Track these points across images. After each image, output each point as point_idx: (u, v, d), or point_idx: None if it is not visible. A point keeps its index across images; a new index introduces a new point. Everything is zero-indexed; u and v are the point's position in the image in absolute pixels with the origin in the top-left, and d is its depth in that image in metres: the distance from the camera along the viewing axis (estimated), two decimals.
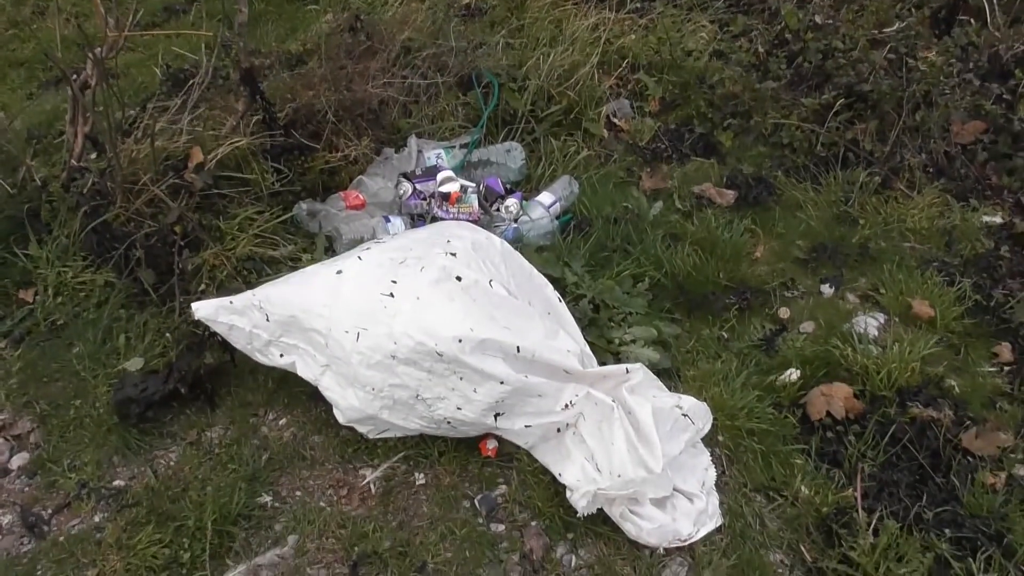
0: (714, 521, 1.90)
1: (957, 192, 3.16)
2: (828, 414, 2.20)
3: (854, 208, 3.05)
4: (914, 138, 3.30)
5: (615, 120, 3.49)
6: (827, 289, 2.70)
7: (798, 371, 2.31)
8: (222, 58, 3.15)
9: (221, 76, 3.09)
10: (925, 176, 3.22)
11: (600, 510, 1.83)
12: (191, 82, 2.87)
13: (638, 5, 4.15)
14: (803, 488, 2.02)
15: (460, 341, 1.81)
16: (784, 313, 2.58)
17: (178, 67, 3.35)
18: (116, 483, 1.95)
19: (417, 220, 2.70)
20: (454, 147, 3.02)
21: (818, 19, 3.71)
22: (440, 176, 2.79)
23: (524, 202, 2.82)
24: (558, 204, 2.82)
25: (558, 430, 1.95)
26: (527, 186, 3.02)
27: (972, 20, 3.91)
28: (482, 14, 4.03)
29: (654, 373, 2.15)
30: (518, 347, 1.87)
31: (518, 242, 2.62)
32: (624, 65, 3.68)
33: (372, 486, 1.96)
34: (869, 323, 2.54)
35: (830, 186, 3.14)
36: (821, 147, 3.31)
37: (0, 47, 3.91)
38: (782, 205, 3.08)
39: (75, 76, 2.69)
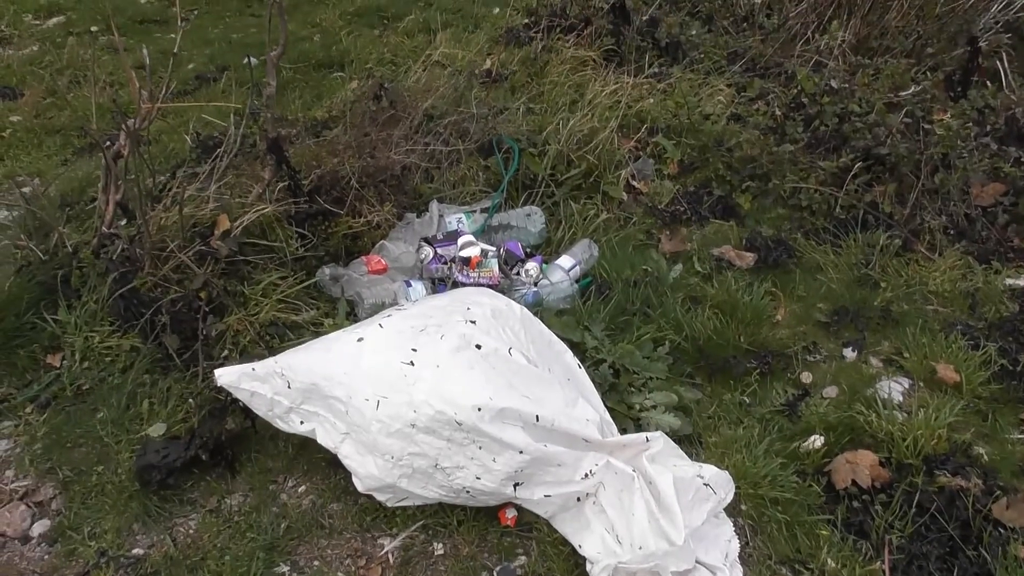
0: None
1: (979, 254, 3.14)
2: (854, 482, 2.16)
3: (875, 271, 3.03)
4: (933, 200, 3.30)
5: (634, 183, 3.53)
6: (850, 353, 2.68)
7: (822, 437, 2.28)
8: (250, 125, 3.24)
9: (249, 143, 3.18)
10: (946, 238, 3.21)
11: None
12: (219, 150, 2.96)
13: (656, 70, 4.24)
14: (829, 561, 1.97)
15: (479, 410, 1.81)
16: (807, 377, 2.56)
17: (208, 134, 3.45)
18: (135, 551, 1.95)
19: (438, 284, 2.73)
20: (475, 211, 3.07)
21: (834, 83, 3.77)
22: (461, 240, 2.83)
23: (544, 265, 2.84)
24: (578, 267, 2.84)
25: (578, 500, 1.93)
26: (547, 249, 3.05)
27: (988, 83, 3.95)
28: (503, 80, 4.14)
29: (675, 439, 2.13)
30: (537, 416, 1.86)
31: (538, 306, 2.63)
32: (643, 129, 3.74)
33: (390, 556, 1.94)
34: (893, 388, 2.51)
35: (850, 248, 3.14)
36: (840, 209, 3.32)
37: (38, 115, 4.05)
38: (802, 267, 3.08)
39: (108, 144, 2.78)
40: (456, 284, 2.70)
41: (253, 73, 3.88)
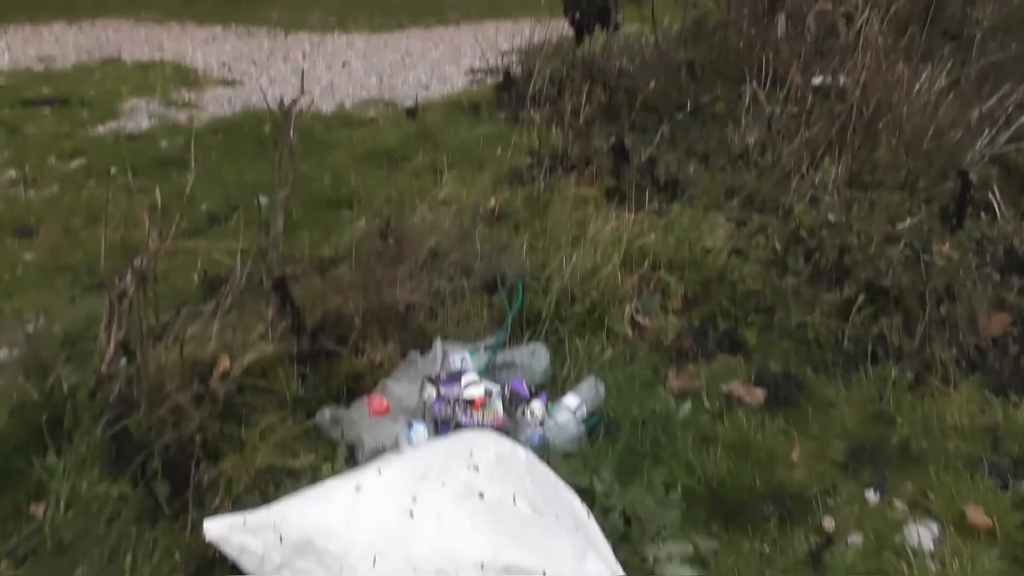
0: None
1: (994, 386, 3.06)
2: None
3: (889, 406, 2.95)
4: (942, 331, 3.26)
5: (639, 318, 3.51)
6: (872, 495, 2.56)
7: None
8: (257, 263, 3.28)
9: (256, 281, 3.19)
10: (959, 370, 3.14)
11: None
12: (224, 288, 2.97)
13: (657, 206, 4.33)
14: None
15: (482, 567, 1.70)
16: (829, 524, 2.42)
17: (215, 273, 3.48)
18: None
19: (441, 426, 2.66)
20: (479, 349, 3.04)
21: (831, 217, 3.82)
22: (464, 379, 2.77)
23: (549, 405, 2.77)
24: (584, 407, 2.77)
25: None
26: (552, 388, 2.99)
27: (982, 213, 4.01)
28: (507, 217, 4.22)
29: None
30: (544, 572, 1.74)
31: (544, 448, 2.54)
32: (645, 264, 3.77)
33: None
34: (922, 534, 2.37)
35: (861, 382, 3.07)
36: (848, 342, 3.28)
37: (52, 253, 4.11)
38: (814, 403, 3.00)
39: (117, 280, 2.80)
40: (459, 426, 2.62)
41: (263, 213, 3.97)
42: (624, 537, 2.18)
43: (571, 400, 2.77)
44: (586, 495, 2.23)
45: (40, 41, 9.14)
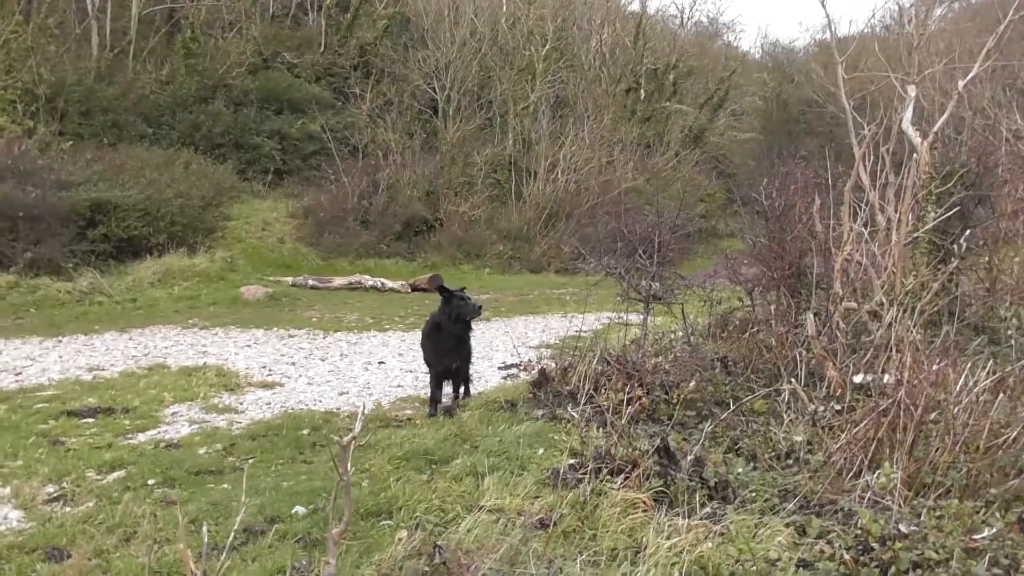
0: None
1: None
2: None
3: None
4: None
5: None
6: None
7: None
8: None
9: None
10: None
11: None
12: None
13: (710, 511, 4.14)
14: None
15: None
16: None
17: None
18: None
19: None
20: None
21: (903, 527, 3.62)
22: None
23: None
24: None
25: None
26: None
27: None
28: (553, 525, 4.04)
29: None
30: None
31: None
32: None
33: None
34: None
35: None
36: None
37: None
38: None
39: None
40: None
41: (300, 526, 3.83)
42: None
43: None
44: None
45: (91, 351, 9.63)
